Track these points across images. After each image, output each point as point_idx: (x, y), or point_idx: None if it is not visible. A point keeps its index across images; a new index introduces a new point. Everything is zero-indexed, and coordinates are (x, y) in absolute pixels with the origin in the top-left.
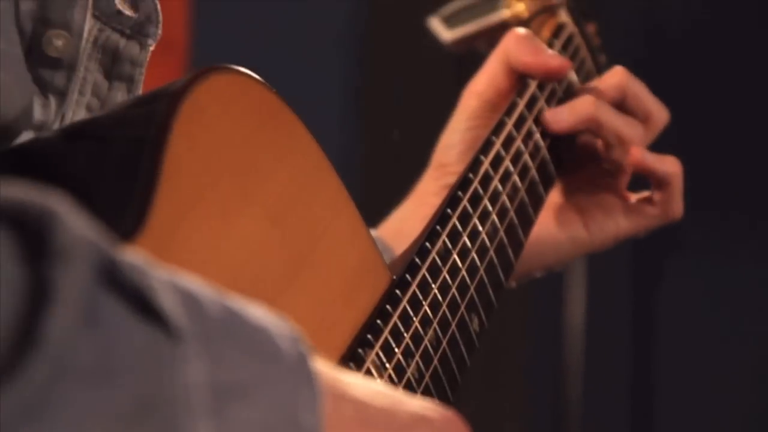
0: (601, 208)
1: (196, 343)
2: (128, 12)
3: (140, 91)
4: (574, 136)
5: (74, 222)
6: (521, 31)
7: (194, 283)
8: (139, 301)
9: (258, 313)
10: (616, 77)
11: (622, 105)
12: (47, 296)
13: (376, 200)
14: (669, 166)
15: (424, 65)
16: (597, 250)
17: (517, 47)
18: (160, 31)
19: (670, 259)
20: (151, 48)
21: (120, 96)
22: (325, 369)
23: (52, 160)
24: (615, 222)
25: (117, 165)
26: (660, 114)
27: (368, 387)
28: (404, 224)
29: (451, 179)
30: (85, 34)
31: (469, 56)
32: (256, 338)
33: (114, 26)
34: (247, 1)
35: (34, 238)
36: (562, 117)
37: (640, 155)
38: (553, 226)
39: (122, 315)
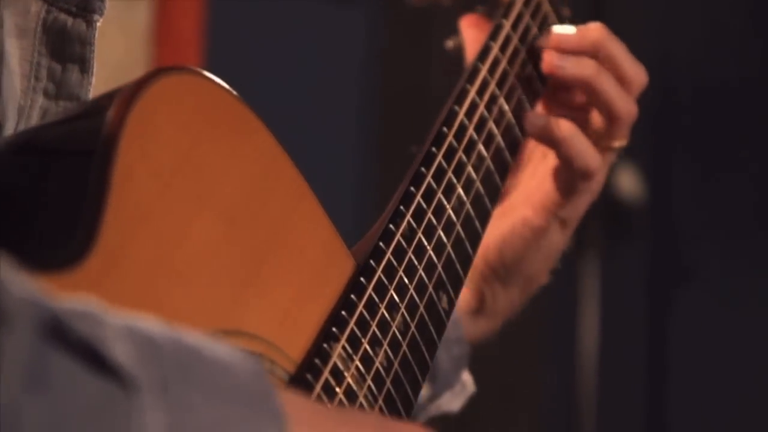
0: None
1: (153, 391)
2: None
3: (93, 69)
4: (538, 98)
5: (15, 283)
6: None
7: (150, 323)
8: (90, 354)
9: (219, 349)
10: (592, 34)
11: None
12: None
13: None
14: (563, 130)
15: (436, 82)
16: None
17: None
18: (105, 6)
19: (683, 288)
20: (98, 23)
21: (75, 77)
22: (292, 400)
23: (3, 174)
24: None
25: (66, 180)
26: (637, 77)
27: (337, 415)
28: None
29: None
30: (33, 18)
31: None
32: (216, 378)
33: (60, 6)
34: (261, 7)
35: None
36: (565, 64)
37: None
38: None
39: (73, 372)
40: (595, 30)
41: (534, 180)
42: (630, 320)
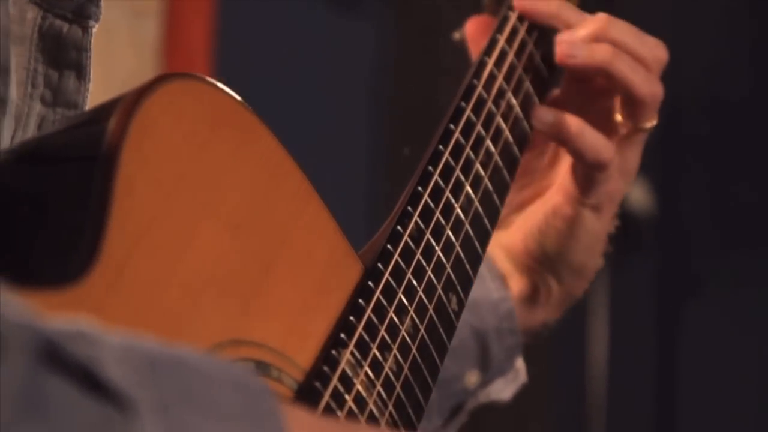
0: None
1: (152, 413)
2: None
3: (90, 75)
4: (547, 90)
5: (9, 307)
6: None
7: (149, 342)
8: (87, 377)
9: (220, 367)
10: (594, 24)
11: None
12: None
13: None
14: (570, 126)
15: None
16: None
17: None
18: (101, 11)
19: (692, 301)
20: (94, 30)
21: (72, 84)
22: (298, 417)
23: (3, 185)
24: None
25: (68, 190)
26: (653, 54)
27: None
28: None
29: None
30: (29, 25)
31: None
32: (217, 397)
33: (56, 12)
34: (270, 18)
35: None
36: (578, 53)
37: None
38: None
39: (69, 396)
40: (596, 20)
41: (562, 165)
42: (639, 332)
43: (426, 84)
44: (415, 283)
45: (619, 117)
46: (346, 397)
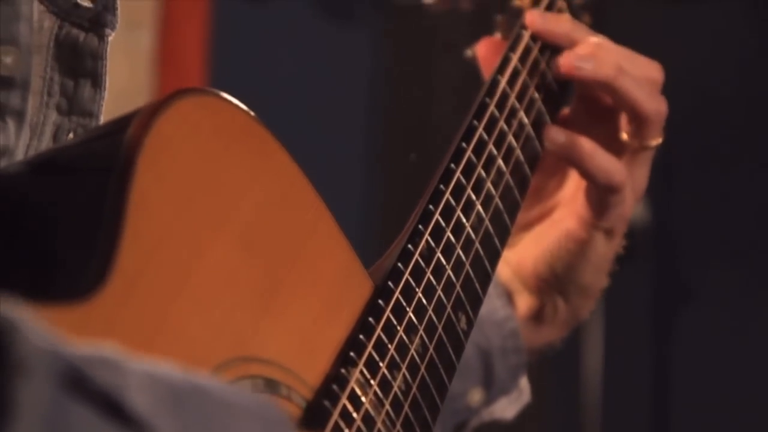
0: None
1: None
2: (86, 3)
3: (106, 84)
4: (558, 110)
5: (33, 332)
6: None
7: (171, 370)
8: (110, 404)
9: (243, 397)
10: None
11: None
12: (7, 414)
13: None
14: (582, 148)
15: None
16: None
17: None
18: (117, 20)
19: (686, 309)
20: (110, 38)
21: (87, 92)
22: None
23: (17, 196)
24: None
25: (82, 203)
26: (648, 76)
27: None
28: None
29: None
30: (46, 33)
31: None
32: (239, 428)
33: (73, 21)
34: (264, 29)
35: None
36: (584, 65)
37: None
38: None
39: (91, 423)
40: (608, 65)
41: (572, 186)
42: (634, 341)
43: (420, 93)
44: (425, 302)
45: (625, 135)
46: (355, 416)
